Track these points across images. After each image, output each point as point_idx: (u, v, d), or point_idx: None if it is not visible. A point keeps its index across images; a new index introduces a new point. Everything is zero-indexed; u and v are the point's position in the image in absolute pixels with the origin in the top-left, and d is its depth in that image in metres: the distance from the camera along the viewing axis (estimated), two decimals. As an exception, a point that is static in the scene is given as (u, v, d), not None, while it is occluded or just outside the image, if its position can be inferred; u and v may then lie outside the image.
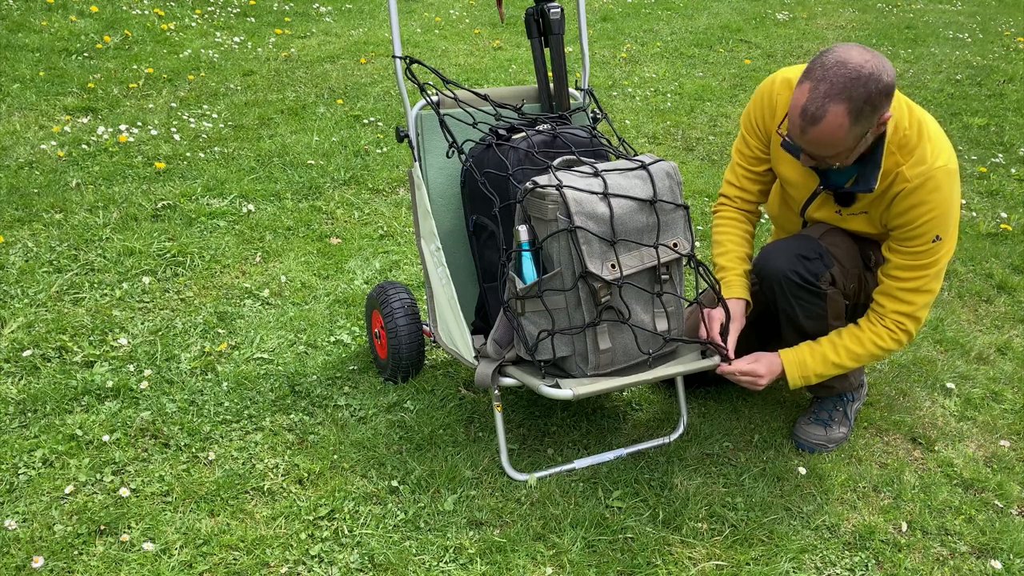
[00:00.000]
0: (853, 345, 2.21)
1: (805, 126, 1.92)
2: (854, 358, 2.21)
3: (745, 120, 2.31)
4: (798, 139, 1.97)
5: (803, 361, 2.22)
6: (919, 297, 2.15)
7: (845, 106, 1.87)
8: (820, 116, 1.89)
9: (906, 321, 2.18)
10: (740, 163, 2.37)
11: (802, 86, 1.92)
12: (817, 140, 1.93)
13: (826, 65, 1.89)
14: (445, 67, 5.94)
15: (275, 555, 1.94)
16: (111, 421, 2.35)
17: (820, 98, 1.88)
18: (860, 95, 1.87)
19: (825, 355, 2.22)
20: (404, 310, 2.50)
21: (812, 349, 2.23)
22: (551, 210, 2.01)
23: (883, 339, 2.19)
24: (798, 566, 2.00)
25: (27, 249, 3.23)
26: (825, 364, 2.22)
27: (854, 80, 1.86)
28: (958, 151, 4.82)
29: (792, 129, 1.98)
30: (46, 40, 5.59)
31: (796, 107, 1.93)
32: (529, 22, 2.48)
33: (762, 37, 7.26)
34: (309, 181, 3.97)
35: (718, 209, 2.45)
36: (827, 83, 1.87)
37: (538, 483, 2.18)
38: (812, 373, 2.23)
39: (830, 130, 1.90)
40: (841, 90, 1.86)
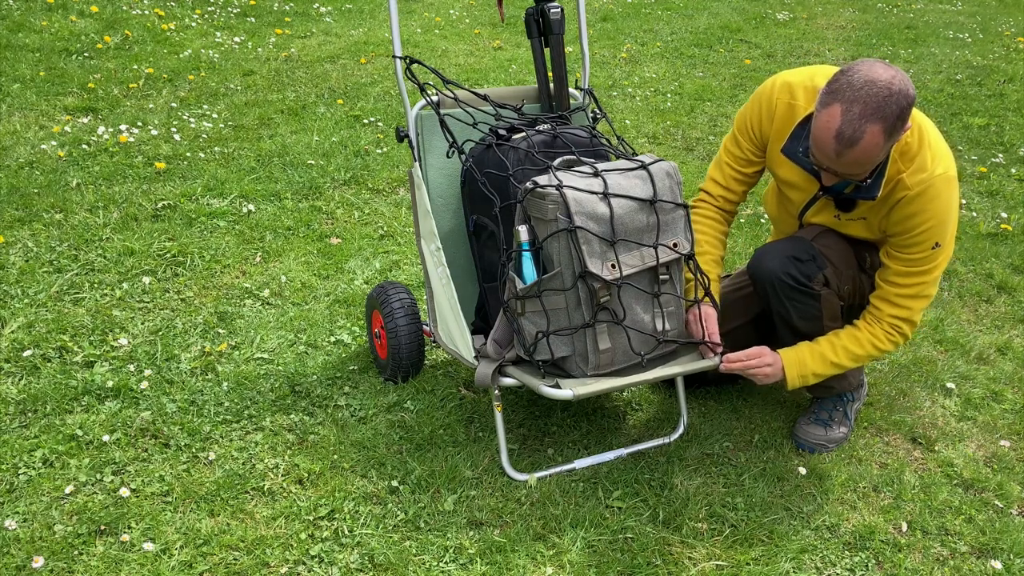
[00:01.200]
0: (852, 345, 2.20)
1: (842, 150, 1.88)
2: (852, 358, 2.21)
3: (740, 121, 2.29)
4: (831, 161, 1.93)
5: (802, 360, 2.22)
6: (916, 303, 2.16)
7: (881, 125, 1.84)
8: (858, 138, 1.85)
9: (903, 324, 2.19)
10: (729, 163, 2.34)
11: (831, 109, 1.87)
12: (853, 162, 1.90)
13: (855, 85, 1.85)
14: (445, 67, 5.94)
15: (275, 555, 1.94)
16: (111, 421, 2.35)
17: (856, 120, 1.84)
18: (893, 112, 1.84)
19: (824, 355, 2.21)
20: (404, 310, 2.50)
21: (811, 349, 2.23)
22: (551, 210, 2.01)
23: (880, 340, 2.20)
24: (798, 566, 2.00)
25: (27, 249, 3.23)
26: (824, 364, 2.21)
27: (887, 98, 1.84)
28: (958, 151, 4.83)
29: (824, 152, 1.92)
30: (46, 40, 5.59)
31: (829, 131, 1.88)
32: (529, 22, 2.48)
33: (762, 37, 7.26)
34: (309, 181, 3.97)
35: (697, 205, 2.41)
36: (860, 104, 1.84)
37: (538, 483, 2.18)
38: (811, 372, 2.22)
39: (867, 150, 1.87)
40: (875, 110, 1.83)
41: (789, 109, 2.17)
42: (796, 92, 2.16)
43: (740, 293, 2.48)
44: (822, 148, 1.92)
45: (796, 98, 2.16)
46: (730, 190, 2.37)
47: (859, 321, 2.23)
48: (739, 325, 2.44)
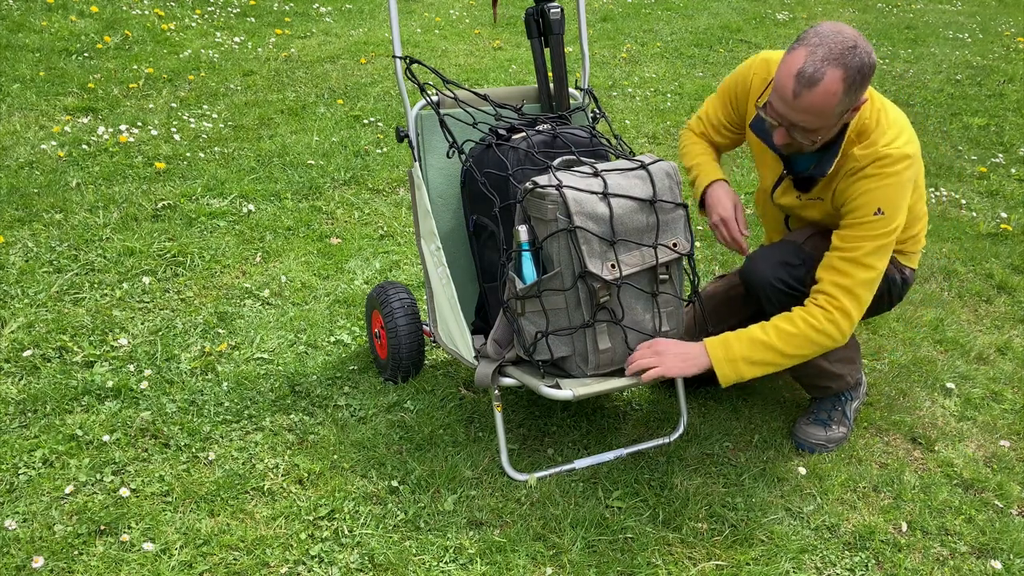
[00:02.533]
0: (783, 324, 2.07)
1: (799, 89, 1.89)
2: (786, 339, 2.05)
3: (723, 88, 2.34)
4: (787, 105, 1.93)
5: (727, 343, 2.08)
6: (856, 270, 2.04)
7: (842, 72, 1.87)
8: (818, 79, 1.87)
9: (841, 296, 2.04)
10: (712, 118, 2.40)
11: (795, 51, 1.91)
12: (809, 106, 1.91)
13: (821, 33, 1.90)
14: (445, 67, 5.94)
15: (275, 555, 1.94)
16: (111, 421, 2.35)
17: (819, 61, 1.87)
18: (855, 64, 1.88)
19: (752, 335, 2.07)
20: (404, 310, 2.50)
21: (737, 333, 2.10)
22: (551, 210, 2.01)
23: (816, 318, 2.05)
24: (798, 566, 2.00)
25: (27, 249, 3.23)
26: (752, 345, 2.06)
27: (851, 48, 1.87)
28: (958, 151, 4.83)
29: (782, 93, 1.93)
30: (46, 40, 5.59)
31: (790, 70, 1.90)
32: (529, 22, 2.48)
33: (762, 37, 7.26)
34: (309, 181, 3.97)
35: (685, 134, 2.45)
36: (825, 48, 1.88)
37: (538, 483, 2.18)
38: (739, 357, 2.07)
39: (824, 95, 1.89)
40: (839, 56, 1.87)
41: (763, 84, 2.19)
42: (772, 68, 2.18)
43: (735, 292, 2.50)
44: (781, 90, 1.93)
45: (771, 73, 2.16)
46: (712, 141, 2.43)
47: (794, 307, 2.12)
48: (736, 324, 2.44)
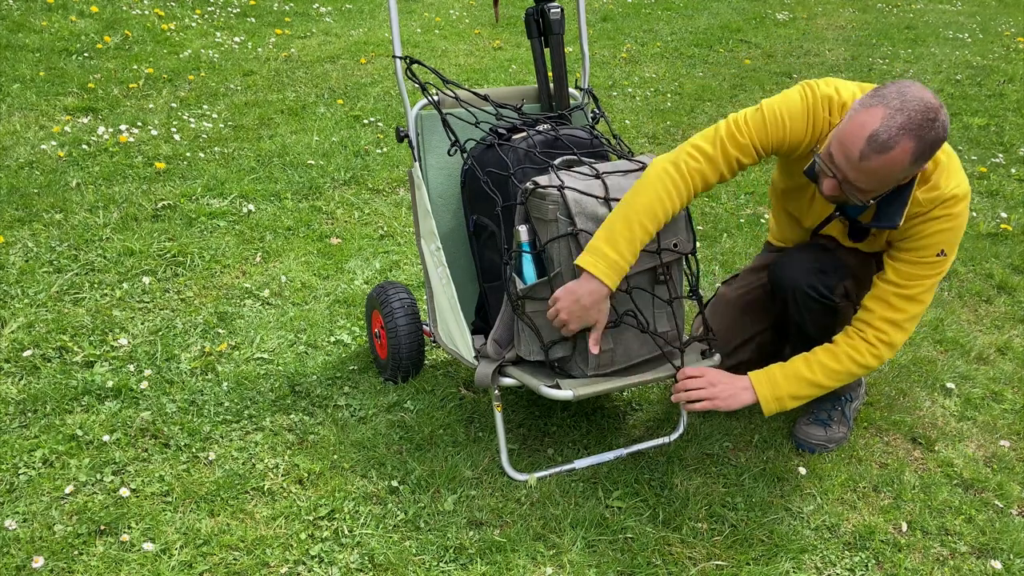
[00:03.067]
0: (828, 361, 2.08)
1: (869, 153, 1.78)
2: (830, 375, 2.08)
3: (775, 120, 1.99)
4: (850, 163, 1.83)
5: (773, 380, 2.10)
6: (911, 306, 2.05)
7: (915, 144, 1.78)
8: (891, 147, 1.77)
9: (890, 331, 2.06)
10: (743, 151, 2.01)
11: (872, 110, 1.79)
12: (872, 170, 1.81)
13: (905, 96, 1.77)
14: (445, 67, 5.94)
15: (275, 555, 1.94)
16: (111, 421, 2.35)
17: (896, 128, 1.76)
18: (929, 139, 1.79)
19: (798, 373, 2.09)
20: (404, 310, 2.50)
21: (783, 368, 2.11)
22: (551, 210, 2.01)
23: (861, 353, 2.07)
24: (798, 566, 2.00)
25: (27, 249, 3.23)
26: (798, 383, 2.09)
27: (931, 122, 1.77)
28: (958, 151, 4.83)
29: (848, 151, 1.81)
30: (46, 40, 5.59)
31: (864, 130, 1.78)
32: (529, 22, 2.48)
33: (762, 37, 7.26)
34: (309, 181, 3.97)
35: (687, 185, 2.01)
36: (905, 115, 1.76)
37: (538, 483, 2.18)
38: (786, 395, 2.10)
39: (890, 164, 1.80)
40: (917, 127, 1.77)
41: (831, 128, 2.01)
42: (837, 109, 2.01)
43: (752, 296, 2.46)
44: (847, 146, 1.82)
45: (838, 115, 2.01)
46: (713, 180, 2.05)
47: (838, 337, 2.12)
48: (759, 334, 2.43)
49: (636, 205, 1.96)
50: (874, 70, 6.36)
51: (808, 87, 2.02)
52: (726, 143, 2.00)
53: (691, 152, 2.00)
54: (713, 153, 2.00)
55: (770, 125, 2.00)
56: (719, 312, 2.47)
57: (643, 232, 1.95)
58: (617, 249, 1.94)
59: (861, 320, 2.10)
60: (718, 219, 3.87)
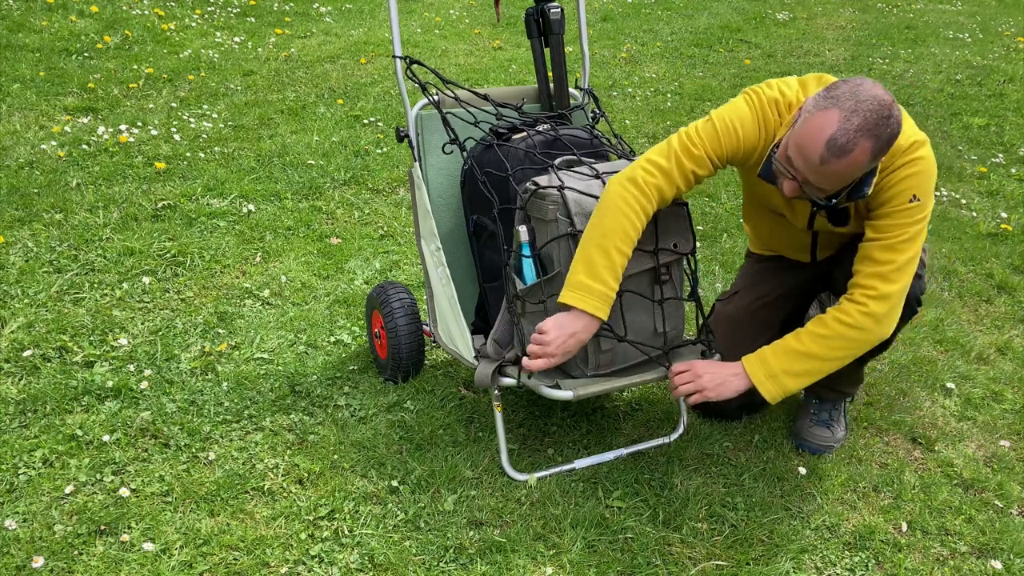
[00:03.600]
0: (817, 328, 2.02)
1: (828, 156, 1.78)
2: (818, 340, 2.01)
3: (727, 128, 1.99)
4: (809, 167, 1.83)
5: (764, 358, 2.04)
6: (894, 254, 1.97)
7: (872, 143, 1.78)
8: (849, 150, 1.77)
9: (878, 284, 1.97)
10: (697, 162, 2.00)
11: (828, 113, 1.78)
12: (832, 173, 1.81)
13: (859, 97, 1.77)
14: (445, 67, 5.94)
15: (275, 555, 1.94)
16: (111, 421, 2.35)
17: (852, 131, 1.76)
18: (886, 135, 1.79)
19: (788, 346, 2.03)
20: (404, 310, 2.50)
21: (773, 346, 2.06)
22: (551, 211, 2.01)
23: (849, 314, 1.99)
24: (798, 566, 2.00)
25: (27, 249, 3.23)
26: (789, 355, 2.02)
27: (885, 119, 1.77)
28: (958, 151, 4.83)
29: (807, 155, 1.81)
30: (46, 40, 5.59)
31: (821, 134, 1.78)
32: (529, 22, 2.48)
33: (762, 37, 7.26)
34: (309, 181, 3.97)
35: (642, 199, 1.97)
36: (860, 116, 1.76)
37: (538, 483, 2.18)
38: (779, 370, 2.03)
39: (850, 165, 1.80)
40: (873, 126, 1.77)
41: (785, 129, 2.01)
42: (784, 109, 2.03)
43: (757, 305, 2.43)
44: (806, 151, 1.81)
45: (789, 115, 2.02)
46: (669, 194, 2.02)
47: (828, 308, 2.06)
48: (769, 339, 2.43)
49: (606, 230, 1.94)
50: (874, 70, 6.36)
51: (753, 93, 2.02)
52: (681, 156, 1.98)
53: (647, 167, 1.98)
54: (668, 167, 1.98)
55: (723, 135, 1.99)
56: (720, 331, 2.42)
57: (621, 256, 1.95)
58: (601, 280, 1.93)
59: (850, 285, 2.04)
60: (718, 219, 3.87)
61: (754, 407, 2.49)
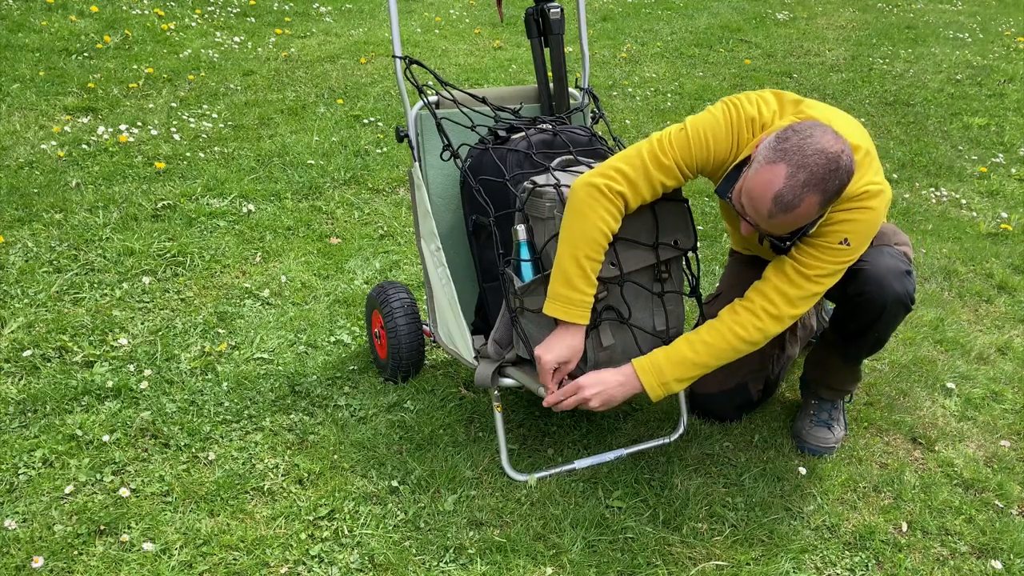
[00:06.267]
0: (712, 339, 2.01)
1: (776, 211, 1.81)
2: (714, 353, 2.01)
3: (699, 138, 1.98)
4: (760, 218, 1.85)
5: (658, 368, 2.03)
6: (805, 283, 1.98)
7: (820, 197, 1.79)
8: (795, 205, 1.80)
9: (780, 303, 1.99)
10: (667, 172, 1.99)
11: (775, 167, 1.79)
12: (782, 223, 1.85)
13: (805, 151, 1.78)
14: (445, 67, 5.94)
15: (275, 555, 1.94)
16: (111, 421, 2.35)
17: (799, 187, 1.78)
18: (833, 187, 1.80)
19: (683, 357, 2.02)
20: (404, 310, 2.50)
21: (667, 353, 2.04)
22: (548, 208, 2.01)
23: (746, 328, 2.00)
24: (798, 566, 2.00)
25: (27, 249, 3.23)
26: (684, 366, 2.02)
27: (833, 172, 1.78)
28: (958, 151, 4.83)
29: (756, 210, 1.84)
30: (46, 40, 5.59)
31: (769, 190, 1.80)
32: (529, 22, 2.48)
33: (762, 37, 7.26)
34: (309, 181, 3.97)
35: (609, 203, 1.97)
36: (807, 172, 1.77)
37: (538, 483, 2.18)
38: (671, 378, 2.03)
39: (799, 217, 1.83)
40: (819, 181, 1.78)
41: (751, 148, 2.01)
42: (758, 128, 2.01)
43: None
44: (756, 204, 1.84)
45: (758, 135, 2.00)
46: (635, 202, 2.02)
47: (723, 312, 2.05)
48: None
49: (576, 240, 1.95)
50: (874, 70, 6.36)
51: (732, 105, 2.01)
52: (649, 166, 1.97)
53: (612, 175, 1.97)
54: (635, 177, 1.97)
55: (694, 145, 1.98)
56: None
57: (592, 264, 1.96)
58: (579, 289, 1.96)
59: (753, 288, 2.03)
60: (718, 219, 3.87)
61: (752, 406, 2.50)
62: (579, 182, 1.99)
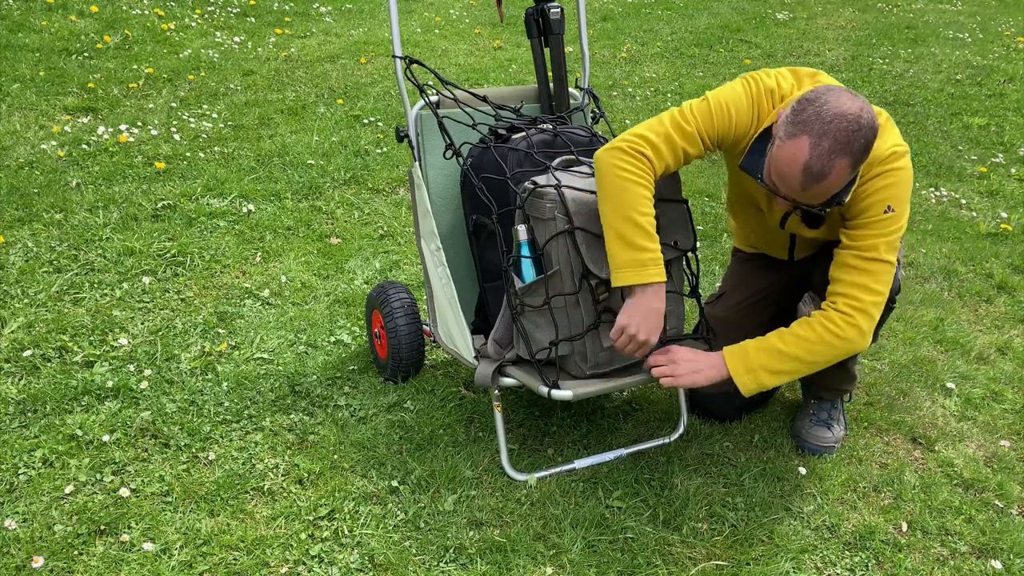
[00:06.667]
0: (802, 331, 2.02)
1: (808, 183, 1.82)
2: (802, 345, 2.01)
3: (721, 110, 2.00)
4: (794, 193, 1.87)
5: (746, 353, 2.03)
6: (874, 265, 1.99)
7: (849, 159, 1.81)
8: (827, 173, 1.80)
9: (861, 294, 1.99)
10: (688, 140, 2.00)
11: (798, 141, 1.80)
12: (817, 192, 1.85)
13: (824, 118, 1.79)
14: (445, 67, 5.94)
15: (275, 555, 1.94)
16: (111, 421, 2.35)
17: (825, 155, 1.79)
18: (860, 146, 1.81)
19: (773, 345, 2.02)
20: (404, 310, 2.50)
21: (757, 341, 2.05)
22: (548, 209, 2.01)
23: (836, 324, 1.99)
24: (798, 566, 2.00)
25: (27, 249, 3.23)
26: (771, 355, 2.02)
27: (855, 132, 1.79)
28: (958, 151, 4.83)
29: (789, 183, 1.85)
30: (46, 40, 5.59)
31: (796, 164, 1.81)
32: (529, 22, 2.48)
33: (762, 37, 7.26)
34: (309, 181, 3.97)
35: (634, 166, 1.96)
36: (830, 138, 1.78)
37: (538, 483, 2.18)
38: (758, 365, 2.02)
39: (833, 184, 1.83)
40: (845, 144, 1.79)
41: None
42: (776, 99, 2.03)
43: (744, 305, 2.44)
44: (787, 180, 1.85)
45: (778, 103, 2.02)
46: (663, 172, 2.02)
47: (815, 311, 2.06)
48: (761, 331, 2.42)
49: (619, 202, 1.94)
50: (874, 70, 6.36)
51: (751, 79, 2.03)
52: (672, 133, 1.98)
53: (634, 140, 1.97)
54: (657, 142, 1.97)
55: (716, 115, 2.00)
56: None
57: (646, 218, 1.94)
58: (642, 248, 1.93)
59: (831, 293, 2.04)
60: (718, 219, 3.87)
61: (752, 406, 2.50)
62: (601, 151, 1.99)
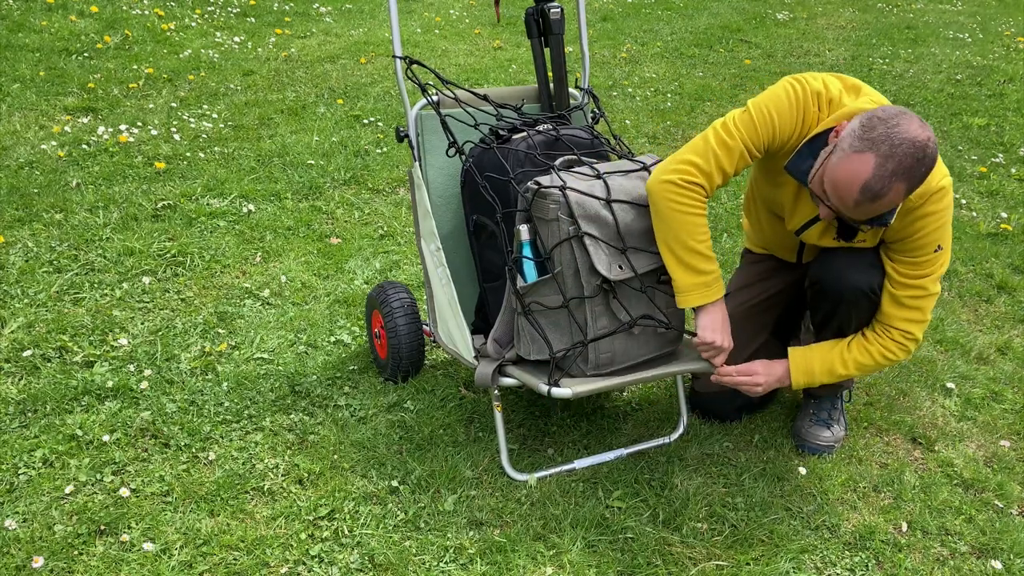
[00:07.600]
0: (862, 357, 2.16)
1: (863, 201, 1.84)
2: (860, 368, 2.17)
3: (764, 118, 2.01)
4: (846, 208, 1.89)
5: (810, 369, 2.19)
6: (924, 301, 2.11)
7: (907, 184, 1.83)
8: (883, 194, 1.82)
9: (913, 328, 2.13)
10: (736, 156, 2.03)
11: (863, 156, 1.81)
12: (868, 211, 1.87)
13: (894, 141, 1.79)
14: (445, 67, 5.94)
15: (275, 555, 1.94)
16: (111, 421, 2.35)
17: (887, 177, 1.80)
18: (920, 175, 1.83)
19: (833, 367, 2.18)
20: (404, 310, 2.50)
21: (822, 359, 2.18)
22: (552, 210, 2.01)
23: (891, 351, 2.15)
24: (798, 566, 2.00)
25: (27, 249, 3.23)
26: (831, 375, 2.19)
27: (919, 161, 1.81)
28: (958, 151, 4.83)
29: (842, 199, 1.87)
30: (46, 40, 5.59)
31: (856, 180, 1.82)
32: (529, 22, 2.48)
33: (762, 37, 7.26)
34: (309, 181, 3.97)
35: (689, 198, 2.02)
36: (895, 161, 1.80)
37: (538, 483, 2.18)
38: (818, 382, 2.19)
39: (886, 205, 1.85)
40: (907, 170, 1.80)
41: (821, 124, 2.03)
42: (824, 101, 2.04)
43: (749, 305, 2.44)
44: (840, 191, 1.86)
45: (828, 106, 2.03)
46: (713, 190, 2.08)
47: (869, 332, 2.17)
48: (763, 343, 2.43)
49: (677, 233, 2.03)
50: (874, 70, 6.36)
51: (797, 82, 2.03)
52: (718, 152, 2.02)
53: (684, 169, 2.02)
54: (706, 166, 2.02)
55: (759, 123, 2.02)
56: None
57: (704, 244, 2.05)
58: (704, 272, 2.04)
59: (883, 323, 2.16)
60: (718, 219, 3.87)
61: (752, 407, 2.50)
62: (653, 182, 2.05)
